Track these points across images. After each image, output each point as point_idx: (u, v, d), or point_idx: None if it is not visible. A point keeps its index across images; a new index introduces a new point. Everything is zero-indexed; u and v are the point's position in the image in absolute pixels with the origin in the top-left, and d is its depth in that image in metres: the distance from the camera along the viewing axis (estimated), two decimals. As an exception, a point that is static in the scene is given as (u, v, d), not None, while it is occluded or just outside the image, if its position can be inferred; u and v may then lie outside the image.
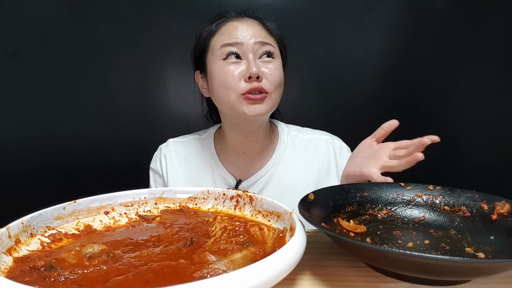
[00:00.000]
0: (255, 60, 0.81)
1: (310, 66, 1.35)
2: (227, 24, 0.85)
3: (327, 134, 0.98)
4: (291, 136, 0.96)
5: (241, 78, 0.80)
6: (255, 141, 0.92)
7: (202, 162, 0.95)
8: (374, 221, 0.60)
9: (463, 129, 1.38)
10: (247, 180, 0.92)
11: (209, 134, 0.99)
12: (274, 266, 0.36)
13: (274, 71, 0.82)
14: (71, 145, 1.36)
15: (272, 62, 0.83)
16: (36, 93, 1.32)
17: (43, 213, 0.54)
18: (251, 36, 0.82)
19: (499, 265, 0.40)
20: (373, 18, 1.33)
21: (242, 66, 0.81)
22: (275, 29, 0.88)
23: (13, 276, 0.41)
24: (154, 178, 0.99)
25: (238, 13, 0.87)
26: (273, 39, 0.86)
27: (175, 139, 1.00)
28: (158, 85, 1.38)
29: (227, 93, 0.81)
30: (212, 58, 0.84)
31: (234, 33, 0.82)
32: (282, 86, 0.86)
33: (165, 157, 0.97)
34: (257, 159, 0.94)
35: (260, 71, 0.80)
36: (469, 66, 1.35)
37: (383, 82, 1.37)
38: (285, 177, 0.92)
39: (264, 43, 0.82)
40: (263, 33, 0.84)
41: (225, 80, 0.81)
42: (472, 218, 0.57)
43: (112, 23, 1.31)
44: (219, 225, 0.54)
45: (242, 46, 0.81)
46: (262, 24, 0.86)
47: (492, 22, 1.32)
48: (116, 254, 0.46)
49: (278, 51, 0.87)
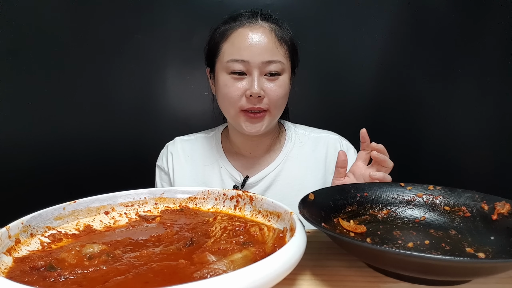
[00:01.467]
0: (260, 77, 0.80)
1: (310, 66, 1.35)
2: (238, 31, 0.82)
3: (335, 134, 0.98)
4: (299, 135, 0.97)
5: (243, 94, 0.81)
6: (260, 143, 0.93)
7: (209, 159, 0.95)
8: (374, 221, 0.60)
9: (463, 129, 1.38)
10: (254, 177, 0.92)
11: (216, 133, 0.99)
12: (274, 266, 0.36)
13: (278, 88, 0.82)
14: (71, 144, 1.36)
15: (277, 80, 0.82)
16: (36, 93, 1.32)
17: (43, 213, 0.54)
18: (259, 52, 0.79)
19: (499, 265, 0.39)
20: (374, 18, 1.33)
21: (245, 83, 0.81)
22: (289, 33, 0.86)
23: (13, 276, 0.41)
24: (160, 175, 0.99)
25: (252, 14, 0.84)
26: (283, 49, 0.83)
27: (182, 137, 1.01)
28: (158, 84, 1.38)
29: (227, 106, 0.84)
30: (220, 66, 0.84)
31: (243, 46, 0.80)
32: (286, 100, 0.86)
33: (171, 155, 0.97)
34: (263, 157, 0.94)
35: (263, 89, 0.80)
36: (469, 67, 1.35)
37: (383, 82, 1.37)
38: (293, 174, 0.92)
39: (272, 61, 0.80)
40: (273, 47, 0.81)
41: (227, 93, 0.82)
42: (472, 218, 0.57)
43: (112, 23, 1.31)
44: (219, 225, 0.54)
45: (248, 63, 0.80)
46: (274, 32, 0.83)
47: (492, 23, 1.32)
48: (116, 254, 0.46)
49: (288, 62, 0.85)
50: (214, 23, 0.89)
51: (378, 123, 1.38)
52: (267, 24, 0.83)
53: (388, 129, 1.38)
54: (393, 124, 1.38)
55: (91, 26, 1.31)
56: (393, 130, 1.38)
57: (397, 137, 1.38)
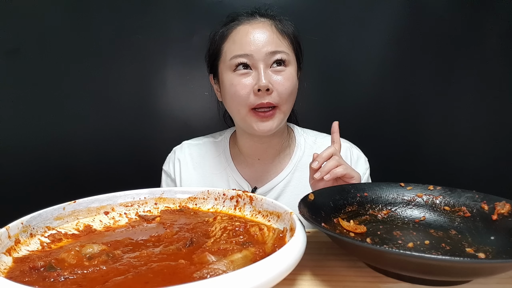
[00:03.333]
0: (266, 70, 0.78)
1: (311, 66, 1.34)
2: (238, 28, 0.81)
3: (346, 142, 0.94)
4: (308, 142, 0.94)
5: (251, 90, 0.78)
6: (269, 147, 0.91)
7: (217, 167, 0.93)
8: (374, 221, 0.60)
9: (463, 129, 1.38)
10: (263, 187, 0.90)
11: (224, 138, 0.96)
12: (274, 266, 0.36)
13: (285, 81, 0.79)
14: (70, 144, 1.36)
15: (284, 71, 0.80)
16: (36, 93, 1.32)
17: (43, 213, 0.54)
18: (263, 45, 0.78)
19: (499, 266, 0.39)
20: (375, 18, 1.33)
21: (251, 78, 0.78)
22: (290, 27, 0.84)
23: (12, 277, 0.41)
24: (166, 181, 0.97)
25: (250, 13, 0.84)
26: (286, 41, 0.82)
27: (190, 142, 0.98)
28: (158, 84, 1.38)
29: (237, 106, 0.81)
30: (223, 67, 0.82)
31: (245, 41, 0.79)
32: (295, 95, 0.84)
33: (179, 161, 0.95)
34: (273, 165, 0.92)
35: (271, 82, 0.77)
36: (470, 67, 1.35)
37: (384, 83, 1.37)
38: (302, 184, 0.89)
39: (276, 52, 0.78)
40: (275, 38, 0.80)
41: (234, 93, 0.79)
42: (472, 218, 0.57)
43: (112, 23, 1.31)
44: (219, 225, 0.54)
45: (252, 57, 0.78)
46: (275, 25, 0.81)
47: (493, 23, 1.32)
48: (116, 254, 0.46)
49: (293, 55, 0.83)
50: (214, 23, 0.88)
51: (378, 123, 1.38)
52: (267, 20, 0.82)
53: (388, 129, 1.38)
54: (393, 124, 1.38)
55: (91, 26, 1.30)
56: (393, 130, 1.38)
57: (397, 137, 1.39)
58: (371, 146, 1.05)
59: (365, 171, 0.92)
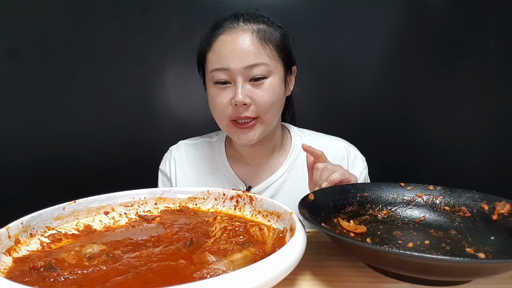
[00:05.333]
0: (244, 84, 0.77)
1: (310, 66, 1.35)
2: (219, 38, 0.79)
3: (343, 141, 0.94)
4: (305, 142, 0.93)
5: (229, 103, 0.79)
6: (262, 148, 0.91)
7: (212, 166, 0.93)
8: (374, 221, 0.60)
9: (464, 129, 1.38)
10: (258, 186, 0.90)
11: (220, 138, 0.97)
12: (274, 266, 0.36)
13: (265, 93, 0.77)
14: (70, 144, 1.36)
15: (263, 84, 0.78)
16: (36, 93, 1.32)
17: (42, 213, 0.54)
18: (240, 58, 0.76)
19: (499, 266, 0.39)
20: (374, 19, 1.33)
21: (230, 92, 0.78)
22: (276, 31, 0.82)
23: (12, 277, 0.41)
24: (163, 180, 0.98)
25: (234, 18, 0.81)
26: (268, 48, 0.79)
27: (186, 141, 0.99)
28: (158, 85, 1.38)
29: (217, 117, 0.83)
30: (207, 77, 0.83)
31: (223, 53, 0.77)
32: (278, 103, 0.82)
33: (174, 160, 0.95)
34: (267, 164, 0.92)
35: (249, 96, 0.77)
36: (470, 67, 1.35)
37: (383, 83, 1.37)
38: (298, 184, 0.89)
39: (255, 65, 0.76)
40: (255, 49, 0.77)
41: (215, 105, 0.81)
42: (472, 218, 0.57)
43: (112, 23, 1.31)
44: (219, 225, 0.54)
45: (230, 71, 0.77)
46: (257, 33, 0.78)
47: (493, 23, 1.32)
48: (115, 255, 0.46)
49: (276, 63, 0.80)
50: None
51: (378, 123, 1.38)
52: (249, 26, 0.79)
53: (388, 129, 1.38)
54: (393, 124, 1.38)
55: (91, 26, 1.31)
56: (393, 131, 1.38)
57: (397, 137, 1.39)
58: (370, 145, 1.05)
59: (362, 171, 0.92)
